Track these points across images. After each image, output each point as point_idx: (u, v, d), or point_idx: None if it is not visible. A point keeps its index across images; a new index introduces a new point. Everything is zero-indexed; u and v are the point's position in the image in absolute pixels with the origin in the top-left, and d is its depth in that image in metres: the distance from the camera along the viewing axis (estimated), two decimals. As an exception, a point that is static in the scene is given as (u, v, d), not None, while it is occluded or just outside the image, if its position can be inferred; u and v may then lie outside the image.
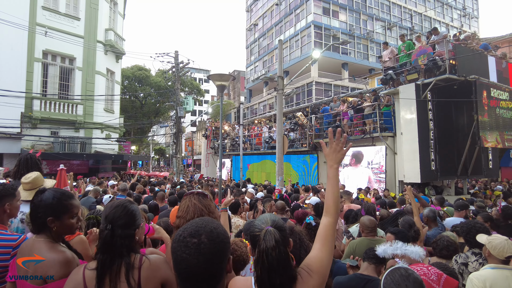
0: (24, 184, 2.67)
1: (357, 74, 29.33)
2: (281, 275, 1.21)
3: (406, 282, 1.33)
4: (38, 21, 15.25)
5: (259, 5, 37.71)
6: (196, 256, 1.00)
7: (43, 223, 1.63)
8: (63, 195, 1.71)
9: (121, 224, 1.45)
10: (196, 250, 1.01)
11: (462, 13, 38.53)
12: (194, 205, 1.79)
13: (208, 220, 1.13)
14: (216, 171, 20.46)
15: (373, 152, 11.62)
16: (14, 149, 13.96)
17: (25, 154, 3.31)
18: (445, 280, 1.82)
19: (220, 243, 1.06)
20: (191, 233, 1.05)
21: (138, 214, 1.56)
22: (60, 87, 16.43)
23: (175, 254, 1.04)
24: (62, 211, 1.66)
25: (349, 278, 2.45)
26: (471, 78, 9.48)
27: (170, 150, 37.92)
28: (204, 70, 59.10)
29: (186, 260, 1.00)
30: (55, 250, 1.60)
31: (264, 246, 1.24)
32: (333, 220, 1.42)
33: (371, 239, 3.18)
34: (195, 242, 1.02)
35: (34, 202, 1.67)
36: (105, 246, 1.42)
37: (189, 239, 1.03)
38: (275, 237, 1.25)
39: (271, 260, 1.21)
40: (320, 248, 1.37)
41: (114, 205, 1.51)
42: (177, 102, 20.04)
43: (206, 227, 1.07)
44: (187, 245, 1.02)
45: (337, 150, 1.49)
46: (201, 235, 1.04)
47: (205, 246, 1.02)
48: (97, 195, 6.57)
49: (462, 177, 11.19)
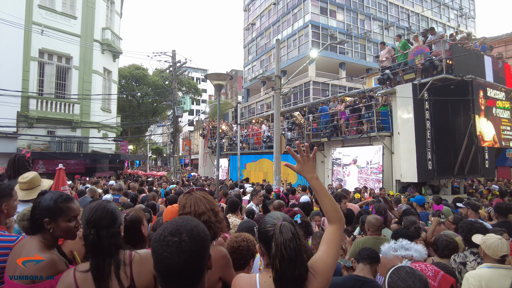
0: (21, 183, 2.66)
1: (354, 74, 29.39)
2: (299, 267, 1.24)
3: (413, 279, 1.37)
4: (34, 20, 15.14)
5: (257, 5, 37.69)
6: (177, 254, 1.01)
7: (41, 225, 1.64)
8: (60, 197, 1.71)
9: (104, 225, 1.47)
10: (178, 248, 1.01)
11: (459, 13, 38.71)
12: (200, 199, 1.83)
13: (188, 218, 1.14)
14: (214, 171, 20.44)
15: (371, 152, 11.66)
16: (10, 149, 13.86)
17: (14, 155, 3.29)
18: (442, 276, 1.83)
19: (201, 240, 1.06)
20: (171, 232, 1.05)
21: (118, 212, 1.59)
22: (57, 86, 16.34)
23: (155, 253, 1.04)
24: (57, 213, 1.66)
25: (345, 279, 2.44)
26: (467, 78, 9.53)
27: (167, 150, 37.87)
28: (201, 69, 58.93)
29: (167, 258, 1.01)
30: (44, 251, 1.60)
31: (282, 239, 1.25)
32: (338, 225, 1.44)
33: (376, 238, 3.17)
34: (176, 241, 1.03)
35: (34, 204, 1.70)
36: (94, 250, 1.43)
37: (170, 237, 1.04)
38: (291, 229, 1.28)
39: (290, 252, 1.23)
40: (325, 251, 1.38)
41: (93, 208, 1.51)
42: (175, 102, 20.01)
43: (187, 225, 1.08)
44: (168, 243, 1.02)
45: (305, 161, 1.48)
46: (182, 233, 1.04)
47: (186, 244, 1.02)
48: (93, 194, 6.54)
49: (458, 177, 11.24)
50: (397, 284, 1.38)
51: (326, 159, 14.17)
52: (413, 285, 1.37)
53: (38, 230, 1.66)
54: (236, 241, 2.10)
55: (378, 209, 4.17)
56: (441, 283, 1.80)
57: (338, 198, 4.48)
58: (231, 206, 4.49)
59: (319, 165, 14.32)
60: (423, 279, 1.37)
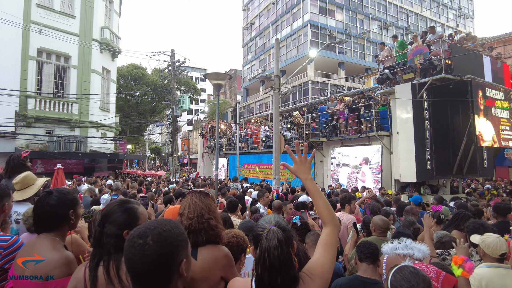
0: (14, 184, 2.67)
1: (353, 74, 29.39)
2: (282, 275, 1.20)
3: (416, 279, 1.36)
4: (32, 19, 15.09)
5: (256, 4, 37.66)
6: (139, 257, 1.01)
7: (60, 220, 1.70)
8: (67, 189, 1.90)
9: (111, 221, 1.46)
10: (140, 251, 1.01)
11: (458, 13, 38.79)
12: (195, 203, 1.80)
13: (161, 222, 1.12)
14: (213, 170, 20.42)
15: (369, 152, 11.65)
16: (8, 148, 13.81)
17: (11, 155, 3.28)
18: (444, 277, 1.82)
19: (168, 245, 1.05)
20: (139, 234, 1.05)
21: (133, 214, 1.50)
22: (55, 86, 16.30)
23: (124, 253, 1.05)
24: (76, 202, 1.80)
25: (349, 280, 2.42)
26: (466, 78, 9.54)
27: (166, 149, 37.78)
28: (200, 69, 58.88)
29: (131, 260, 1.02)
30: (58, 250, 1.63)
31: (266, 245, 1.22)
32: (332, 227, 1.42)
33: (383, 239, 3.12)
34: (140, 243, 1.02)
35: (49, 202, 1.69)
36: (95, 242, 1.45)
37: (136, 239, 1.04)
38: (278, 236, 1.24)
39: (273, 260, 1.20)
40: (322, 253, 1.36)
41: (113, 203, 1.53)
42: (173, 101, 19.96)
43: (156, 229, 1.07)
44: (133, 245, 1.03)
45: (302, 161, 1.50)
46: (148, 236, 1.04)
47: (149, 247, 1.02)
48: (92, 194, 6.53)
49: (457, 176, 11.26)
50: (401, 284, 1.37)
51: (325, 159, 14.17)
52: (416, 285, 1.35)
53: (55, 227, 1.68)
54: (226, 238, 2.09)
55: (372, 209, 4.16)
56: (443, 283, 1.79)
57: (348, 199, 4.44)
58: (230, 206, 4.47)
59: (318, 164, 14.31)
60: (427, 279, 1.36)
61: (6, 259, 1.84)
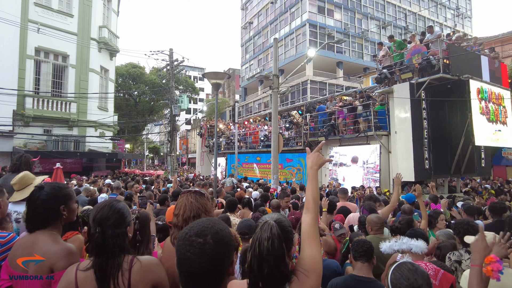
0: (13, 185, 2.67)
1: (351, 73, 29.48)
2: (270, 266, 1.19)
3: (415, 276, 1.39)
4: (30, 18, 15.03)
5: (254, 3, 37.64)
6: (199, 255, 1.01)
7: (54, 215, 1.69)
8: (59, 184, 1.86)
9: (110, 224, 1.44)
10: (201, 250, 1.02)
11: (456, 13, 38.89)
12: (190, 203, 1.78)
13: (215, 221, 1.14)
14: (211, 170, 20.42)
15: (368, 151, 11.68)
16: (6, 147, 13.78)
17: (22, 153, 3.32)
18: (442, 275, 1.85)
19: (225, 245, 1.06)
20: (197, 233, 1.06)
21: (126, 212, 1.55)
22: (53, 85, 16.25)
23: (179, 252, 1.05)
24: (68, 197, 1.78)
25: (345, 279, 2.43)
26: (464, 77, 9.57)
27: (164, 149, 37.75)
28: (199, 68, 58.76)
29: (189, 259, 1.02)
30: (58, 242, 1.64)
31: (259, 235, 1.24)
32: (313, 215, 1.44)
33: (380, 237, 3.14)
34: (200, 242, 1.03)
35: (40, 197, 1.69)
36: (98, 249, 1.41)
37: (194, 238, 1.04)
38: (272, 230, 1.24)
39: (262, 249, 1.20)
40: (309, 247, 1.37)
41: (100, 207, 1.50)
42: (172, 100, 19.93)
43: (213, 228, 1.08)
44: (192, 244, 1.03)
45: (320, 156, 1.59)
46: (207, 235, 1.05)
47: (209, 246, 1.03)
48: (88, 194, 6.52)
49: (455, 176, 11.31)
50: (400, 282, 1.40)
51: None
52: (415, 282, 1.38)
53: (48, 223, 1.68)
54: None
55: (369, 208, 4.18)
56: (442, 281, 1.81)
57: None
58: (229, 205, 4.49)
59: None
60: (425, 275, 1.39)
61: (3, 256, 1.84)
